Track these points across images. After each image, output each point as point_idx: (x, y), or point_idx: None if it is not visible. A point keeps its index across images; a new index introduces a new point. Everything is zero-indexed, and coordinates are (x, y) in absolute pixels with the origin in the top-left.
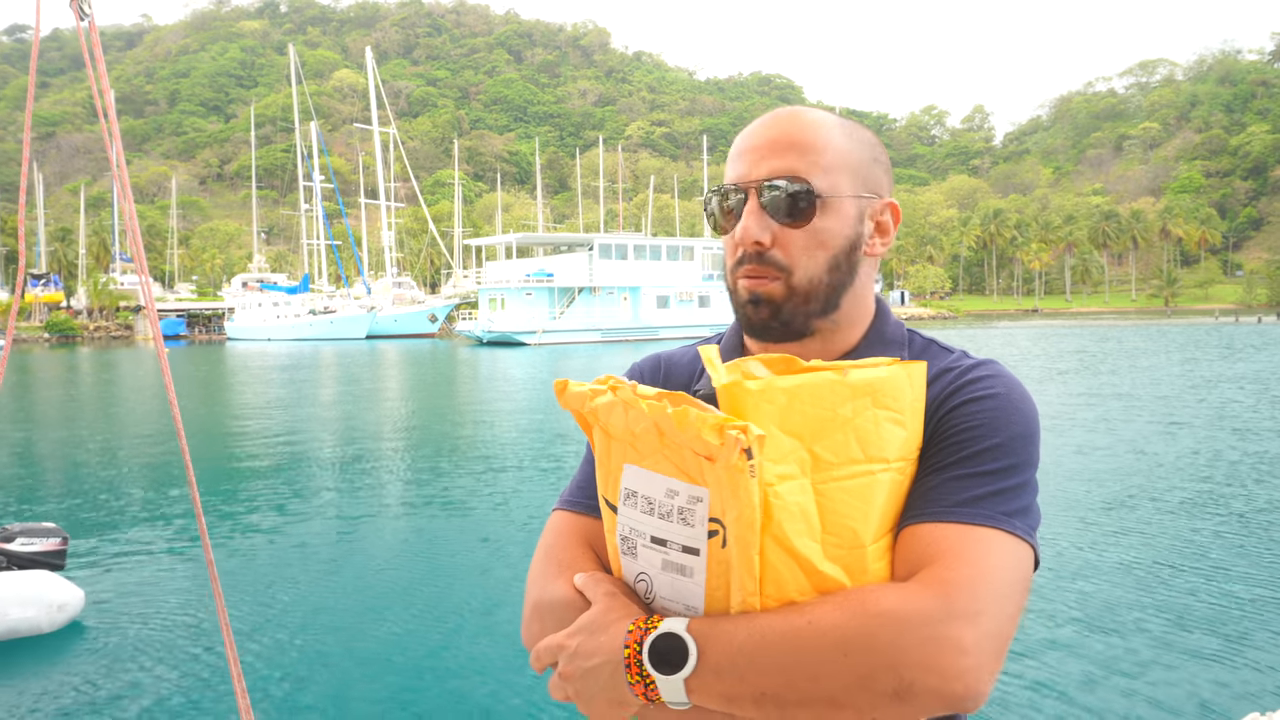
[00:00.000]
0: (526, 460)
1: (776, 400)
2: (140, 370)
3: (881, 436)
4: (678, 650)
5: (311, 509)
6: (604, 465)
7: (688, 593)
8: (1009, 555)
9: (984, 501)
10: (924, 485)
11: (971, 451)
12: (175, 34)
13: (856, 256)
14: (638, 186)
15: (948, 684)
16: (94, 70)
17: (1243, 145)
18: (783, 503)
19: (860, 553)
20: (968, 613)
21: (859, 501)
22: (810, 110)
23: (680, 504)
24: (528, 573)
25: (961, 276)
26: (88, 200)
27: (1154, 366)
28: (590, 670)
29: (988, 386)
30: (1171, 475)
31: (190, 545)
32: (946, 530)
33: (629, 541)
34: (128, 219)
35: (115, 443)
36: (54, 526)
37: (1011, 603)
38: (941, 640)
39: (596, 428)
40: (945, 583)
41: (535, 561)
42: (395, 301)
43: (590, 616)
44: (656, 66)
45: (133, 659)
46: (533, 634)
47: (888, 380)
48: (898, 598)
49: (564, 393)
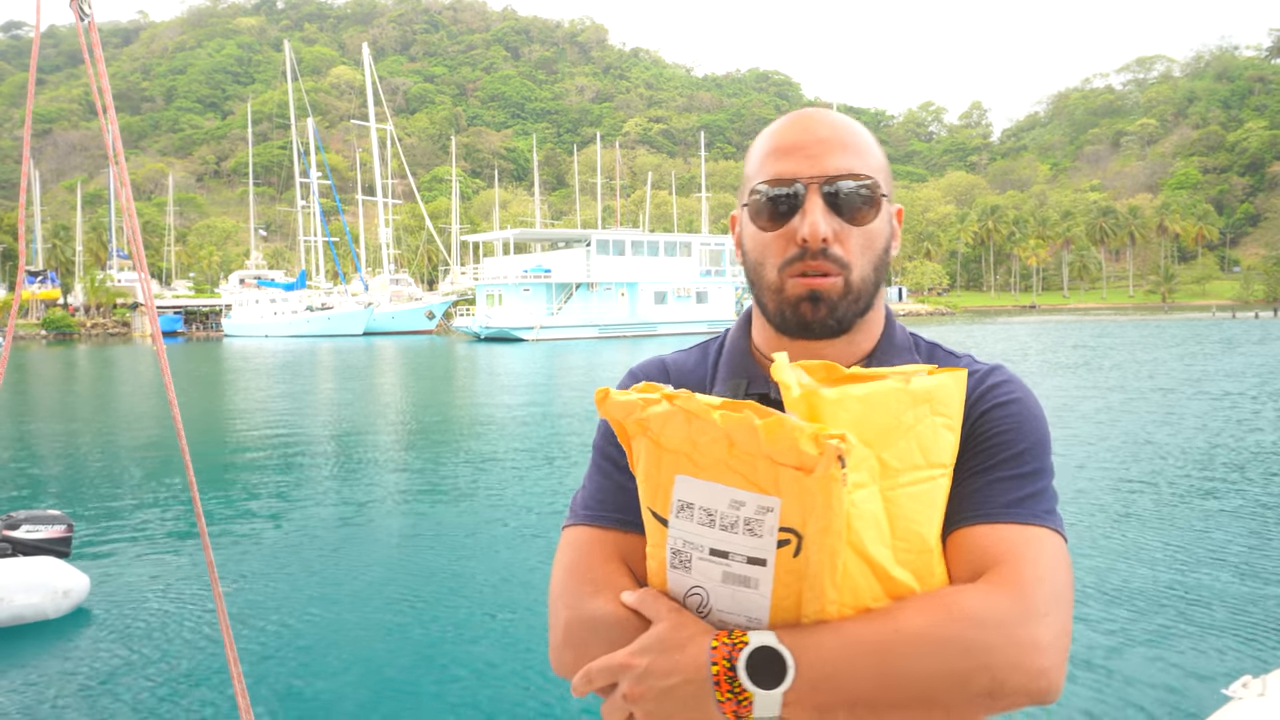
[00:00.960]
0: (526, 456)
1: (852, 409)
2: (139, 367)
3: (939, 443)
4: (776, 664)
5: (310, 503)
6: (652, 477)
7: (751, 604)
8: (1059, 554)
9: (1028, 502)
10: (969, 488)
11: (1009, 455)
12: (172, 30)
13: (888, 257)
14: (635, 183)
15: (1034, 681)
16: (94, 69)
17: (1240, 141)
18: (858, 510)
19: (927, 557)
20: (1041, 611)
21: (923, 506)
22: (837, 113)
23: (747, 515)
24: (550, 590)
25: (959, 273)
26: (84, 197)
27: (1155, 360)
28: (668, 690)
29: (1008, 392)
30: (1180, 464)
31: (194, 532)
32: (1003, 532)
33: (681, 555)
34: (127, 217)
35: (117, 436)
36: (59, 514)
37: (1069, 598)
38: (1025, 642)
39: (644, 438)
40: (1017, 584)
41: (560, 579)
42: (393, 298)
43: (659, 634)
44: (654, 63)
45: (137, 644)
46: (568, 658)
47: (941, 387)
48: (979, 600)
49: (605, 401)
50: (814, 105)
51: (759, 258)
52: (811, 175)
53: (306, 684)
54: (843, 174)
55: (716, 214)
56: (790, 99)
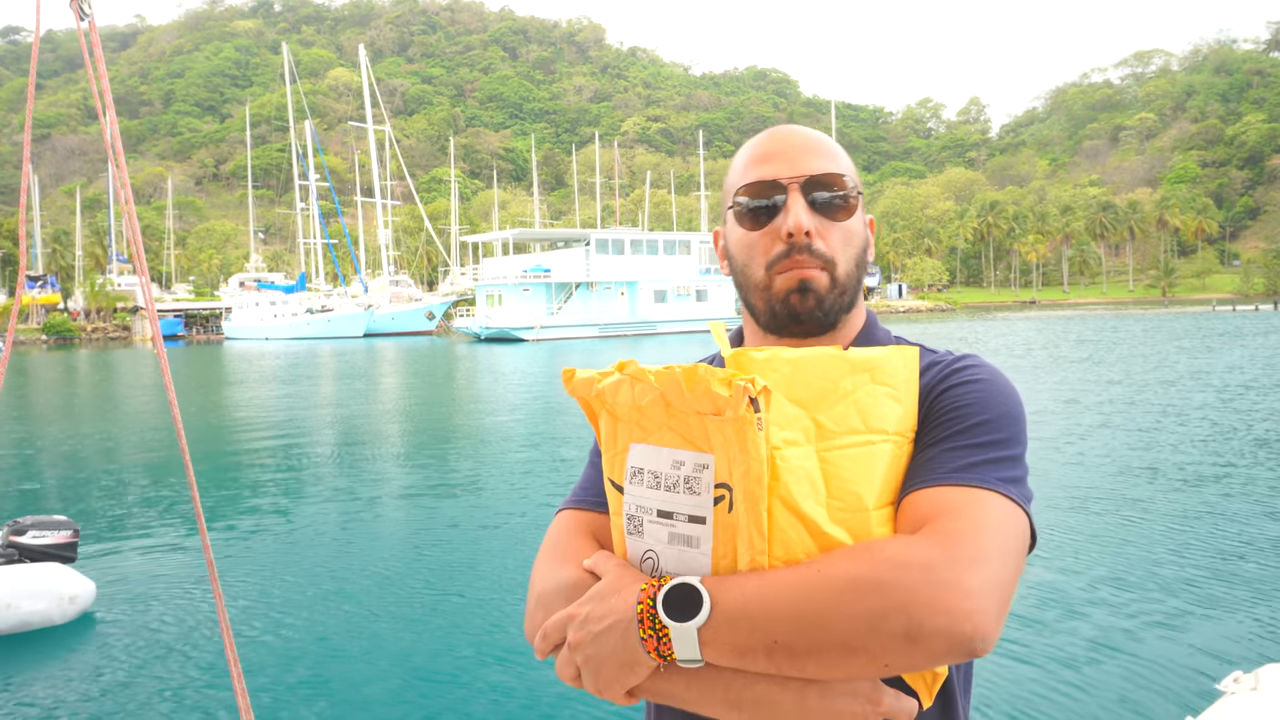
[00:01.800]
0: (526, 454)
1: (781, 369)
2: (140, 370)
3: (880, 410)
4: (691, 599)
5: (311, 505)
6: (610, 448)
7: (695, 564)
8: (1007, 515)
9: (979, 468)
10: (922, 458)
11: (964, 425)
12: (169, 34)
13: (866, 258)
14: (634, 182)
15: (956, 624)
16: (94, 70)
17: (1239, 135)
18: (789, 465)
19: (864, 516)
20: (971, 558)
21: (861, 468)
22: (810, 128)
23: (686, 473)
24: (532, 572)
25: (959, 269)
26: (84, 201)
27: (1158, 354)
28: (601, 633)
29: (974, 373)
30: (1188, 453)
31: (197, 534)
32: (947, 492)
33: (635, 520)
34: (127, 217)
35: (119, 440)
36: (65, 519)
37: (1012, 558)
38: (948, 583)
39: (603, 412)
40: (948, 533)
41: (538, 558)
42: (392, 299)
43: (601, 585)
44: (652, 62)
45: (142, 650)
46: (536, 622)
47: (884, 358)
48: (904, 545)
49: (571, 380)
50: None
51: (745, 259)
52: (792, 176)
53: (308, 686)
54: (820, 174)
55: (716, 212)
56: (788, 96)
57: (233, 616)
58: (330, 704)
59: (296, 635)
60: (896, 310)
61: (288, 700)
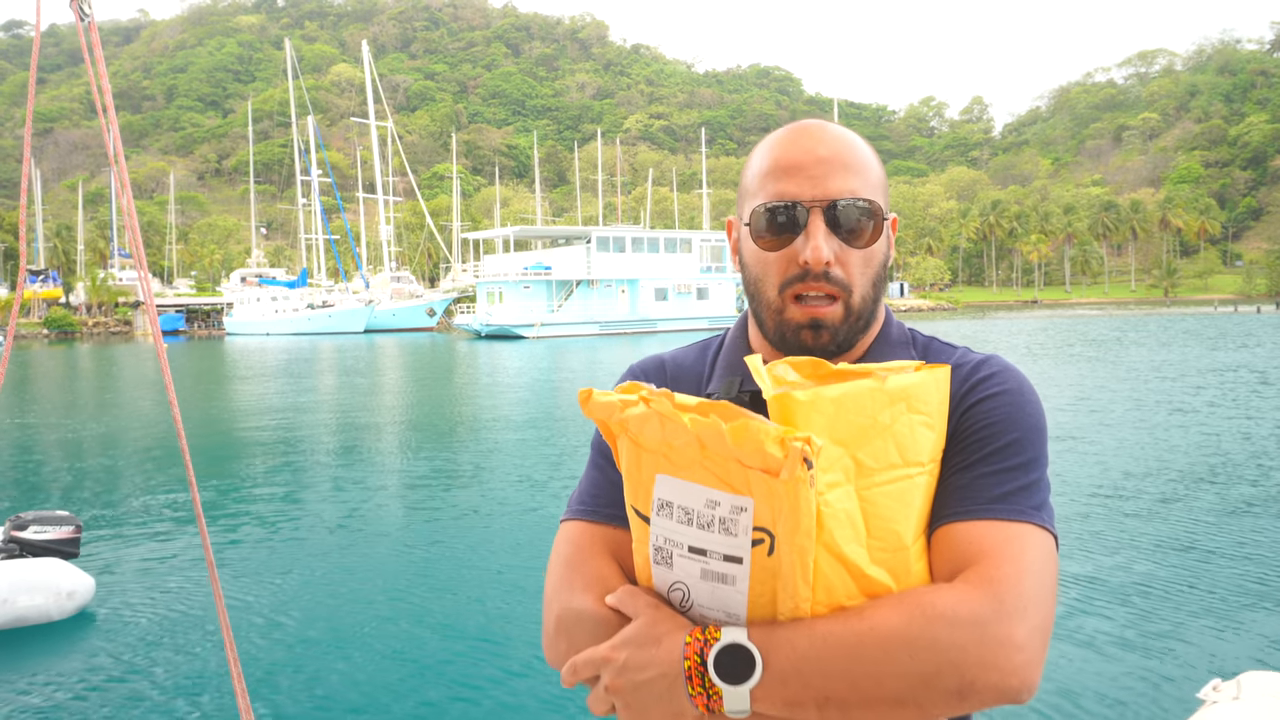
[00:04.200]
0: (526, 452)
1: (825, 410)
2: (142, 365)
3: (916, 441)
4: (744, 660)
5: (312, 501)
6: (633, 476)
7: (730, 600)
8: (1043, 549)
9: (1012, 497)
10: (953, 484)
11: (994, 448)
12: (172, 29)
13: (886, 270)
14: (636, 180)
15: (1006, 679)
16: (94, 69)
17: (1242, 135)
18: (831, 510)
19: (903, 555)
20: (1017, 610)
21: (900, 505)
22: (836, 126)
23: (722, 514)
24: (545, 583)
25: (961, 268)
26: (86, 196)
27: (1160, 354)
28: (644, 683)
29: (999, 382)
30: (1190, 454)
31: (197, 530)
32: (984, 528)
33: (663, 552)
34: (127, 218)
35: (119, 435)
36: (68, 514)
37: (1050, 595)
38: (999, 640)
39: (625, 438)
40: (994, 582)
41: (554, 573)
42: (394, 295)
43: (637, 629)
44: (655, 59)
45: (140, 647)
46: (560, 650)
47: (919, 385)
48: (953, 599)
49: (588, 402)
50: (815, 100)
51: (759, 274)
52: (813, 198)
53: (308, 685)
54: (845, 196)
55: (718, 210)
56: (791, 95)
57: (232, 614)
58: (330, 701)
59: (296, 633)
60: (898, 309)
61: (288, 699)
